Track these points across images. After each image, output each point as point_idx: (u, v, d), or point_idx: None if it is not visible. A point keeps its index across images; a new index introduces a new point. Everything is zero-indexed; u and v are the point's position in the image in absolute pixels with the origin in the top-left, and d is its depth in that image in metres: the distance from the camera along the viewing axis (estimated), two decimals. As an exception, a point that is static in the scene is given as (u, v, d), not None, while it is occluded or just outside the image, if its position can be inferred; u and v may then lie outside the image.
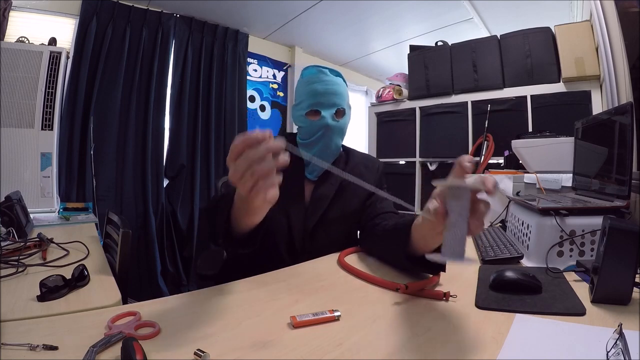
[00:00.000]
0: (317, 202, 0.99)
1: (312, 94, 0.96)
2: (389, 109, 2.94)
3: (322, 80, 0.96)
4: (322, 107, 0.95)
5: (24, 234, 1.24)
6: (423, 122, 2.75)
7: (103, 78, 2.55)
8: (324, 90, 0.95)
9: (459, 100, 2.56)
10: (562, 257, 0.88)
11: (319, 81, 0.96)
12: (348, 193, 1.02)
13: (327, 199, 0.99)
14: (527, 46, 2.28)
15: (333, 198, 1.00)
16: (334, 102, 0.96)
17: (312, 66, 1.00)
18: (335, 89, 0.97)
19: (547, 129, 1.84)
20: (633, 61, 1.43)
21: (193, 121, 3.04)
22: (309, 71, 1.00)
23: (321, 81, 0.96)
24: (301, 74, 1.02)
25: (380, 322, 0.55)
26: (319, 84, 0.96)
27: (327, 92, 0.95)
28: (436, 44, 2.79)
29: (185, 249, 2.94)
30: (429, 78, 2.72)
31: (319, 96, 0.95)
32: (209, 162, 3.11)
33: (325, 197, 0.99)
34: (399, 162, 2.93)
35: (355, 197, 1.03)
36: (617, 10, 1.55)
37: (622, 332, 0.44)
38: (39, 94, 2.05)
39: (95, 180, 2.42)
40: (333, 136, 0.98)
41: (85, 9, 2.46)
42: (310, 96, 0.96)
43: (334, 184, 1.01)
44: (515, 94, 2.32)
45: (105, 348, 0.45)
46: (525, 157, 1.77)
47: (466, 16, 2.88)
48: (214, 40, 3.13)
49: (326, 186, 1.01)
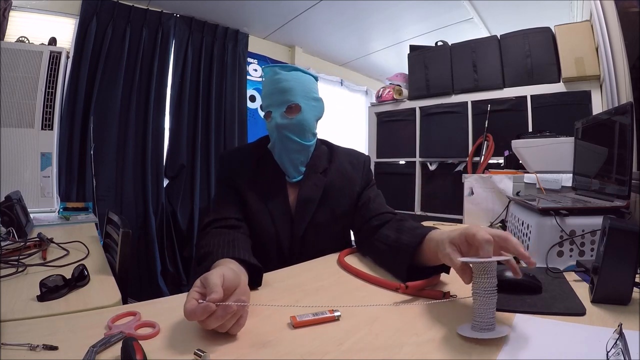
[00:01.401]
0: (303, 207, 0.96)
1: (264, 96, 0.95)
2: (389, 109, 2.94)
3: (273, 80, 0.94)
4: (272, 107, 0.94)
5: (24, 234, 1.24)
6: (423, 122, 2.75)
7: (103, 78, 2.55)
8: (272, 89, 0.93)
9: (459, 100, 2.56)
10: (562, 257, 0.88)
11: (271, 81, 0.94)
12: (335, 194, 0.99)
13: (313, 203, 0.96)
14: (527, 46, 2.28)
15: (320, 201, 0.97)
16: (282, 99, 0.93)
17: (268, 66, 0.98)
18: (284, 86, 0.92)
19: (547, 129, 1.84)
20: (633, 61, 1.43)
21: (193, 121, 3.04)
22: (264, 72, 0.98)
23: (272, 81, 0.94)
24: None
25: (380, 322, 0.55)
26: (270, 85, 0.94)
27: (275, 91, 0.93)
28: (436, 44, 2.79)
29: (185, 249, 2.94)
30: (429, 78, 2.72)
31: (268, 97, 0.94)
32: (209, 162, 3.11)
33: (312, 200, 0.96)
34: (399, 162, 2.93)
35: (343, 198, 0.99)
36: (617, 10, 1.55)
37: (622, 332, 0.44)
38: (39, 94, 2.05)
39: (95, 180, 2.42)
40: (289, 134, 0.94)
41: (85, 9, 2.46)
42: (264, 98, 0.96)
43: (319, 185, 0.98)
44: (515, 94, 2.32)
45: (105, 348, 0.45)
46: (525, 157, 1.77)
47: (466, 16, 2.88)
48: (214, 40, 3.13)
49: (310, 188, 0.97)
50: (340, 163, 1.03)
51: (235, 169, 0.98)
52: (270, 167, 0.98)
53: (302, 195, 0.96)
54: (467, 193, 1.80)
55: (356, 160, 1.06)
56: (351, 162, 1.05)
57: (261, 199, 0.95)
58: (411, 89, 2.83)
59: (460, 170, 2.51)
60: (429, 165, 2.73)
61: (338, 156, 1.05)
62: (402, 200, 2.76)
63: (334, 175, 1.00)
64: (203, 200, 3.05)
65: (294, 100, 0.93)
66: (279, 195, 0.96)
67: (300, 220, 0.95)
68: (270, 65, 0.98)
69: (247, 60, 3.42)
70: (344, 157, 1.05)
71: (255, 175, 0.97)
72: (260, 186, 0.96)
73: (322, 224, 0.96)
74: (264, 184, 0.97)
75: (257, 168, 0.98)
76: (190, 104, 3.01)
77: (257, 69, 3.60)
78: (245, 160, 1.00)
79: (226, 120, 3.22)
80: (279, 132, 0.94)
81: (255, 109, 3.59)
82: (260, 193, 0.95)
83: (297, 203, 0.96)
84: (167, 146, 2.93)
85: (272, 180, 0.98)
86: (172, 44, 2.91)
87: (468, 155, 2.42)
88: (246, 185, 0.95)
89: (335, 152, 1.06)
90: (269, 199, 0.95)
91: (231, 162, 1.00)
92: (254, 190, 0.95)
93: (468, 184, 1.80)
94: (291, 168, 0.97)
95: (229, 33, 3.21)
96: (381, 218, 0.92)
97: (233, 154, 1.05)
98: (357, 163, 1.05)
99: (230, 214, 0.89)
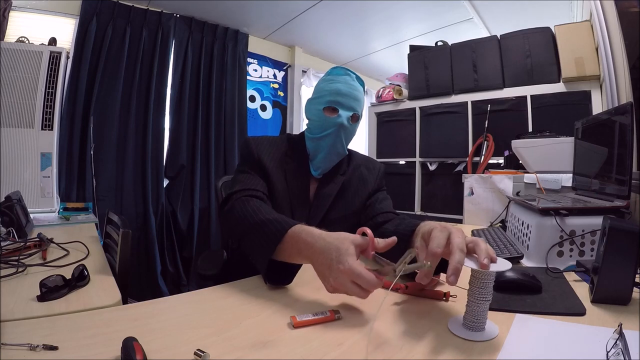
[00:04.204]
0: (320, 201, 0.99)
1: (334, 92, 0.96)
2: (389, 109, 2.94)
3: (347, 82, 0.97)
4: (341, 106, 0.96)
5: (24, 234, 1.24)
6: (423, 122, 2.75)
7: (103, 78, 2.55)
8: (346, 91, 0.96)
9: (459, 100, 2.56)
10: (562, 257, 0.88)
11: (344, 82, 0.97)
12: (350, 193, 1.03)
13: (330, 198, 1.00)
14: (527, 46, 2.28)
15: (335, 197, 1.01)
16: (352, 105, 0.97)
17: (340, 67, 1.02)
18: (357, 95, 0.98)
19: (547, 129, 1.84)
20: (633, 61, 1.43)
21: (193, 121, 3.04)
22: (336, 70, 1.01)
23: (346, 82, 0.97)
24: (327, 72, 1.03)
25: (380, 322, 0.55)
26: (343, 85, 0.97)
27: (349, 95, 0.96)
28: (436, 44, 2.79)
29: (185, 249, 2.94)
30: (429, 78, 2.72)
31: (340, 96, 0.96)
32: (209, 162, 3.11)
33: (329, 196, 1.00)
34: (399, 162, 2.93)
35: (356, 197, 1.04)
36: (617, 10, 1.55)
37: (622, 332, 0.44)
38: (39, 94, 2.05)
39: (95, 180, 2.42)
40: (344, 137, 0.98)
41: (85, 9, 2.46)
42: (331, 93, 0.97)
43: (337, 183, 1.02)
44: (515, 94, 2.32)
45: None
46: (525, 157, 1.77)
47: (466, 16, 2.88)
48: (214, 40, 3.13)
49: (330, 185, 1.01)
50: (357, 165, 1.09)
51: (265, 152, 1.00)
52: (296, 160, 1.02)
53: (322, 189, 1.00)
54: (467, 193, 1.80)
55: (372, 165, 1.13)
56: (367, 167, 1.11)
57: (285, 186, 0.98)
58: (411, 89, 2.83)
59: (460, 170, 2.51)
60: (429, 165, 2.73)
61: (355, 160, 1.11)
62: (402, 200, 2.76)
63: (351, 176, 1.06)
64: (203, 200, 3.05)
65: (359, 111, 0.99)
66: (301, 187, 1.00)
67: (316, 213, 0.98)
68: (343, 67, 1.02)
69: (247, 60, 3.42)
70: (361, 162, 1.12)
71: (283, 163, 1.00)
72: (285, 174, 0.99)
73: (335, 220, 0.99)
74: (289, 172, 1.00)
75: (285, 157, 1.02)
76: (190, 104, 3.01)
77: (257, 69, 3.60)
78: (275, 146, 1.03)
79: (226, 120, 3.22)
80: (339, 131, 0.96)
81: (255, 109, 3.59)
82: (285, 180, 0.98)
83: (315, 196, 1.00)
84: (167, 146, 2.93)
85: (298, 171, 1.01)
86: (172, 44, 2.91)
87: (468, 155, 2.42)
88: (274, 169, 0.98)
89: (354, 156, 1.12)
90: (292, 187, 0.99)
91: (261, 145, 1.02)
92: (280, 176, 0.98)
93: (468, 184, 1.80)
94: (324, 164, 1.01)
95: (229, 33, 3.21)
96: (385, 216, 0.97)
97: (261, 139, 1.06)
98: (372, 168, 1.12)
99: (258, 187, 0.91)
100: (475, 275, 0.52)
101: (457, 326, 0.53)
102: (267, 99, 3.69)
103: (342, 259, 0.57)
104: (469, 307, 0.52)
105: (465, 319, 0.53)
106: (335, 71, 1.01)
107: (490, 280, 0.51)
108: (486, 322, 0.52)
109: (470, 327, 0.51)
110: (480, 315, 0.51)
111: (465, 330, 0.52)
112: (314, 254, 0.62)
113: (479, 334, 0.51)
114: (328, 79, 1.00)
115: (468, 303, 0.52)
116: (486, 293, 0.51)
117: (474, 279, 0.52)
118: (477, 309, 0.51)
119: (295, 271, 0.72)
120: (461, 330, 0.52)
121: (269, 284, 0.71)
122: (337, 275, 0.57)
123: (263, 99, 3.66)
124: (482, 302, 0.51)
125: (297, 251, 0.66)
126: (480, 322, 0.51)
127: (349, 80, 0.98)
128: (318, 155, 1.00)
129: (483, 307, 0.51)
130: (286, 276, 0.71)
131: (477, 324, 0.51)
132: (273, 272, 0.69)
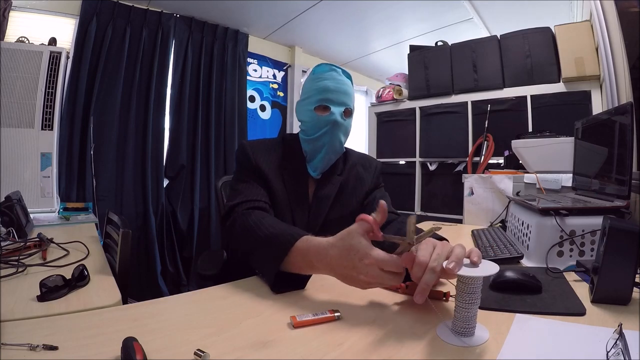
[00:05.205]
0: (319, 203, 0.99)
1: (323, 90, 0.95)
2: (389, 109, 2.94)
3: (334, 78, 0.96)
4: (332, 103, 0.95)
5: (24, 234, 1.24)
6: (423, 122, 2.75)
7: (103, 78, 2.55)
8: (335, 87, 0.95)
9: (459, 100, 2.56)
10: (562, 257, 0.88)
11: (331, 78, 0.96)
12: (347, 194, 1.03)
13: (328, 200, 0.99)
14: (527, 46, 2.28)
15: (334, 199, 1.00)
16: (343, 100, 0.96)
17: (324, 64, 1.00)
18: (346, 89, 0.97)
19: (547, 129, 1.84)
20: (633, 61, 1.43)
21: (193, 121, 3.04)
22: (321, 68, 1.00)
23: (333, 78, 0.96)
24: (312, 71, 1.01)
25: (380, 322, 0.55)
26: (331, 81, 0.96)
27: (338, 90, 0.95)
28: (436, 44, 2.79)
29: (185, 249, 2.94)
30: (429, 78, 2.72)
31: (329, 92, 0.95)
32: (209, 162, 3.10)
33: (327, 197, 0.99)
34: (399, 162, 2.93)
35: (354, 198, 1.03)
36: (617, 10, 1.55)
37: (622, 332, 0.44)
38: (39, 94, 2.05)
39: (95, 180, 2.42)
40: (339, 133, 0.97)
41: (85, 9, 2.46)
42: (320, 91, 0.96)
43: (335, 184, 1.01)
44: (515, 94, 2.32)
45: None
46: (525, 157, 1.77)
47: (466, 16, 2.88)
48: (214, 40, 3.13)
49: (328, 186, 1.00)
50: (354, 165, 1.08)
51: (262, 157, 0.99)
52: (294, 161, 1.01)
53: (320, 191, 0.99)
54: (467, 193, 1.80)
55: (368, 163, 1.12)
56: (364, 165, 1.10)
57: (284, 191, 0.97)
58: (411, 89, 2.83)
59: (460, 170, 2.51)
60: (429, 165, 2.73)
61: (352, 158, 1.09)
62: (402, 200, 2.76)
63: (348, 176, 1.04)
64: (203, 200, 3.05)
65: (350, 105, 0.98)
66: (300, 190, 0.99)
67: (316, 215, 0.98)
68: (327, 63, 1.00)
69: (247, 60, 3.41)
70: (357, 160, 1.10)
71: (281, 166, 0.99)
72: (284, 178, 0.98)
73: (334, 221, 0.98)
74: (287, 176, 0.99)
75: (283, 160, 1.00)
76: (190, 104, 3.01)
77: (257, 69, 3.60)
78: (272, 151, 1.01)
79: (226, 121, 3.21)
80: (334, 128, 0.95)
81: (255, 110, 3.59)
82: (283, 184, 0.97)
83: (314, 198, 0.99)
84: (167, 146, 2.93)
85: (296, 174, 1.00)
86: (172, 44, 2.91)
87: (468, 155, 2.42)
88: (272, 174, 0.97)
89: (350, 155, 1.10)
90: (291, 191, 0.98)
91: (257, 150, 1.00)
92: (279, 180, 0.97)
93: (468, 184, 1.80)
94: (322, 164, 0.99)
95: (229, 33, 3.21)
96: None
97: (257, 143, 1.04)
98: (369, 166, 1.11)
99: (259, 197, 0.91)
100: (461, 280, 0.51)
101: (446, 332, 0.52)
102: (267, 99, 3.69)
103: (363, 254, 0.57)
104: (458, 312, 0.51)
105: (454, 324, 0.51)
106: (320, 69, 0.99)
107: (477, 285, 0.50)
108: (476, 325, 0.51)
109: (460, 333, 0.50)
110: (470, 320, 0.50)
111: (454, 335, 0.50)
112: (330, 263, 0.62)
113: (468, 339, 0.50)
114: (314, 78, 0.98)
115: (456, 308, 0.51)
116: (475, 298, 0.50)
117: (460, 284, 0.51)
118: (467, 313, 0.50)
119: (307, 277, 0.72)
120: (450, 336, 0.51)
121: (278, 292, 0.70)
122: (367, 270, 0.57)
123: (262, 99, 3.66)
124: (470, 307, 0.50)
125: (307, 264, 0.66)
126: (470, 327, 0.50)
127: (336, 75, 0.97)
128: (316, 155, 0.99)
129: (472, 311, 0.50)
130: (297, 284, 0.70)
131: (466, 329, 0.50)
132: (283, 282, 0.69)
